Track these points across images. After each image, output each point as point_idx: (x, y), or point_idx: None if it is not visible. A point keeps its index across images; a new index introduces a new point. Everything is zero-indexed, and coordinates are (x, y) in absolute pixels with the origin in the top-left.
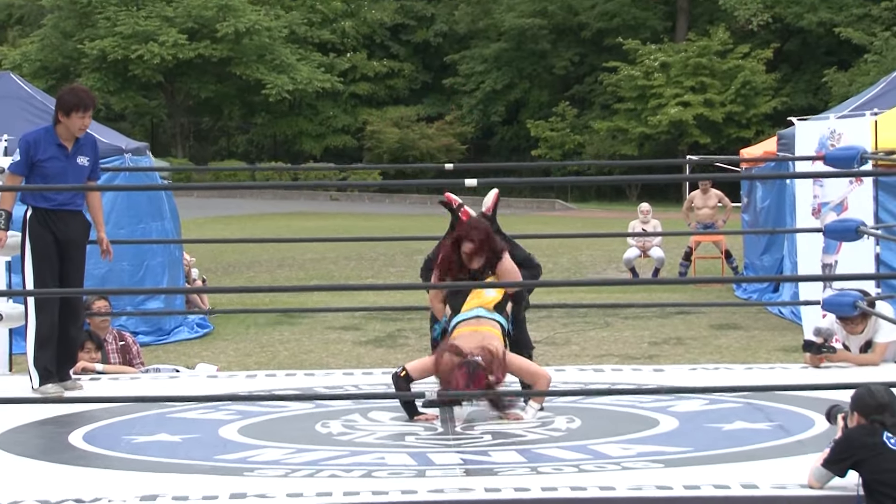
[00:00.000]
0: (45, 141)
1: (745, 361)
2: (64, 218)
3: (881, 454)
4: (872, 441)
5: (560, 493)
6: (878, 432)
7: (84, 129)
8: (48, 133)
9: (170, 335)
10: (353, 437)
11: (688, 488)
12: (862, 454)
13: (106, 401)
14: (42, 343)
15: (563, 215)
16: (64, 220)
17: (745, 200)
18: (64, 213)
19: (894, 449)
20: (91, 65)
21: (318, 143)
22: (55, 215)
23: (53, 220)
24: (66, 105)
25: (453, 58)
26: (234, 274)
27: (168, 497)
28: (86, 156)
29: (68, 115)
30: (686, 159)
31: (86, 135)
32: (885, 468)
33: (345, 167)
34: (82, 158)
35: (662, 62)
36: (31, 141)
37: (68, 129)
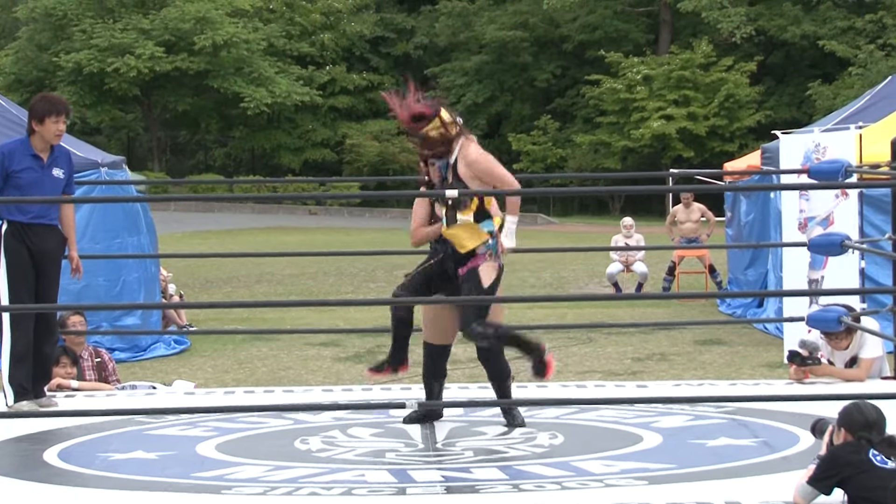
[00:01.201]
0: (20, 152)
1: (729, 377)
2: (39, 232)
3: (867, 472)
4: (858, 458)
5: None
6: (864, 449)
7: (60, 135)
8: (23, 144)
9: (146, 352)
10: (333, 454)
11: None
12: (848, 472)
13: (81, 415)
14: (17, 360)
15: (545, 229)
16: (39, 234)
17: (729, 214)
18: (39, 227)
19: (880, 466)
20: (66, 78)
21: (297, 156)
22: (30, 229)
23: (28, 233)
24: (39, 112)
25: (434, 70)
26: (212, 289)
27: None
28: (61, 168)
29: (42, 121)
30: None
31: (60, 148)
32: (871, 486)
33: (324, 180)
34: (57, 171)
35: (645, 75)
36: (6, 152)
37: (43, 138)
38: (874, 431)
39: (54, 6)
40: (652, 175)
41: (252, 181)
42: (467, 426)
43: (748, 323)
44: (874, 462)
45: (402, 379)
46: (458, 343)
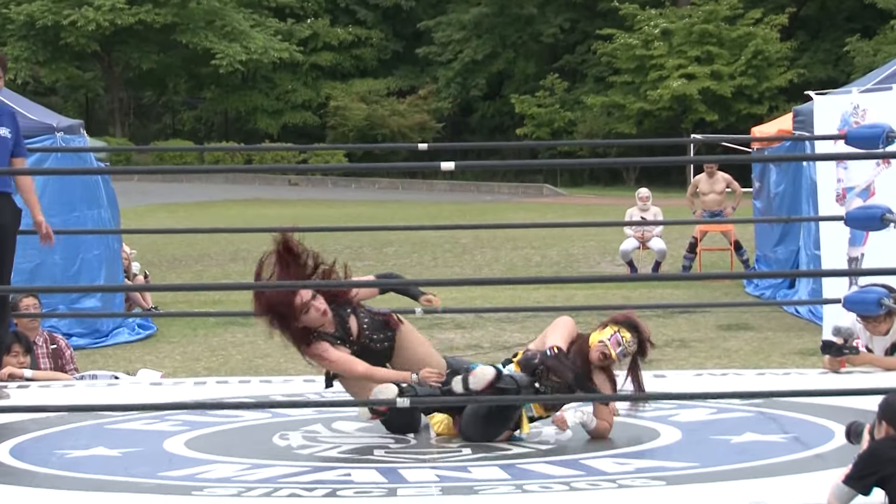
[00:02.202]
0: None
1: (756, 366)
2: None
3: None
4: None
5: None
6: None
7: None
8: None
9: (108, 337)
10: (315, 451)
11: None
12: (889, 469)
13: (35, 410)
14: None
15: (552, 202)
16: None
17: (758, 185)
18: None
19: None
20: (17, 32)
21: (275, 120)
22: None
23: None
24: None
25: (427, 24)
26: (181, 268)
27: None
28: (6, 127)
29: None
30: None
31: (2, 104)
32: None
33: (305, 147)
34: (4, 129)
35: (664, 29)
36: None
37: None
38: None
39: None
40: (671, 142)
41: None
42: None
43: (778, 305)
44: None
45: None
46: (455, 328)
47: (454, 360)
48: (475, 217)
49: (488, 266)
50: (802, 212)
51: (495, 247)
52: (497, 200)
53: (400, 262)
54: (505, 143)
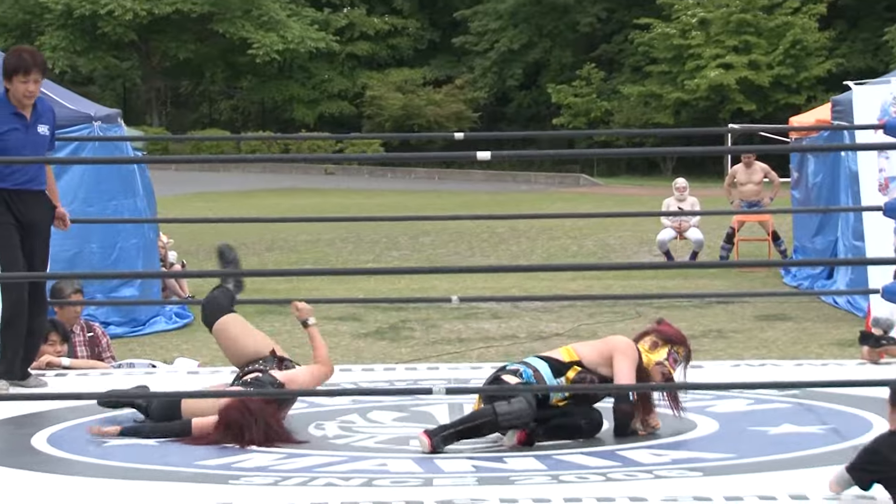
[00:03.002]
0: (2, 112)
1: (794, 357)
2: (27, 199)
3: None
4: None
5: None
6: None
7: (30, 96)
8: (3, 103)
9: (145, 326)
10: (351, 441)
11: (729, 500)
12: (888, 472)
13: (73, 398)
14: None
15: (588, 192)
16: (27, 202)
17: (796, 175)
18: (27, 194)
19: None
20: (55, 21)
21: (312, 110)
22: (18, 196)
23: (16, 201)
24: (5, 69)
25: (464, 13)
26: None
27: None
28: (46, 125)
29: (10, 79)
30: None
31: (43, 101)
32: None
33: (342, 137)
34: (42, 127)
35: (701, 18)
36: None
37: (14, 97)
38: None
39: None
40: (708, 131)
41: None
42: None
43: (816, 296)
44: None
45: (428, 357)
46: (491, 318)
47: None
48: (511, 207)
49: (525, 256)
50: (841, 202)
51: (532, 237)
52: (533, 190)
53: (436, 252)
54: (541, 133)
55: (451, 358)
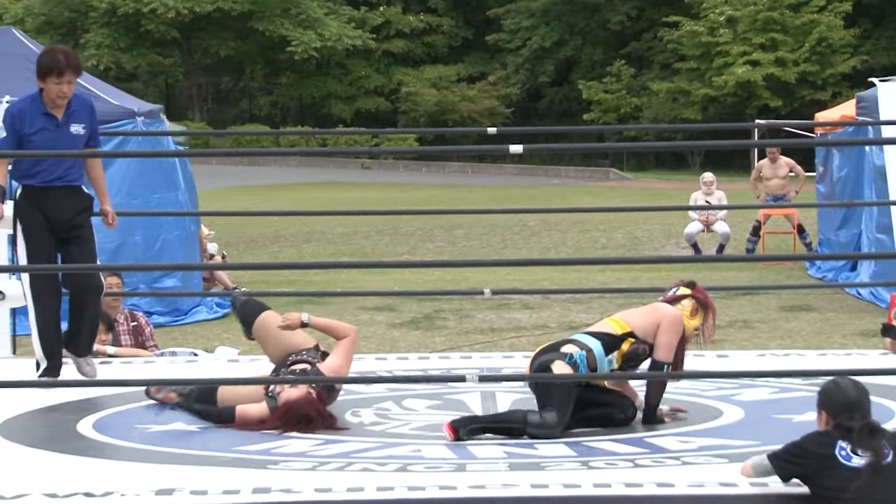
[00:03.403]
0: (32, 111)
1: (818, 347)
2: (56, 195)
3: (829, 469)
4: (823, 453)
5: (613, 490)
6: (833, 443)
7: (63, 96)
8: (34, 102)
9: (187, 315)
10: (387, 428)
11: (754, 485)
12: (810, 466)
13: (118, 385)
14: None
15: (617, 186)
16: (55, 198)
17: (821, 170)
18: (55, 190)
19: (844, 464)
20: (100, 19)
21: (349, 105)
22: (45, 193)
23: (43, 198)
24: (40, 69)
25: (497, 12)
26: (258, 249)
27: (185, 491)
28: (80, 123)
29: (44, 79)
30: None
31: (80, 100)
32: (832, 486)
33: (378, 132)
34: (76, 126)
35: (729, 17)
36: (16, 112)
37: (48, 96)
38: (856, 414)
39: None
40: (735, 127)
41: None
42: (531, 398)
43: (840, 287)
44: (839, 458)
45: (461, 347)
46: (522, 309)
47: None
48: (542, 200)
49: (555, 248)
50: (865, 196)
51: (562, 229)
52: (564, 184)
53: (469, 245)
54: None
55: (483, 347)
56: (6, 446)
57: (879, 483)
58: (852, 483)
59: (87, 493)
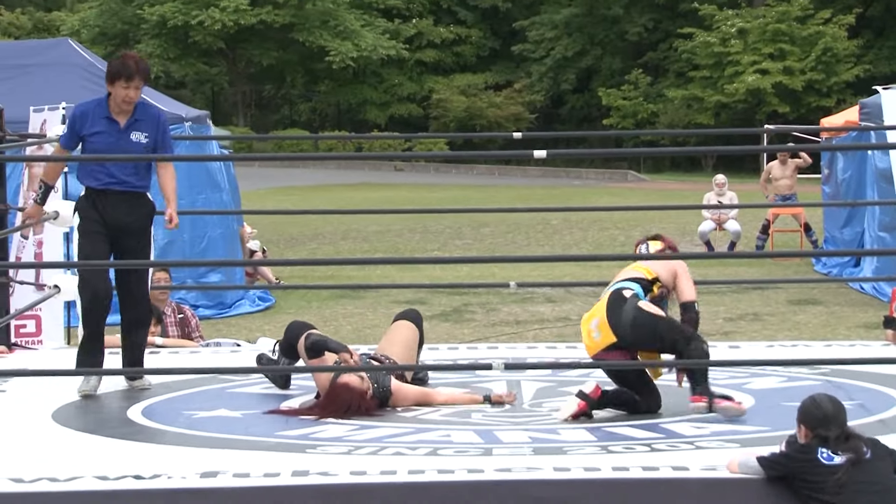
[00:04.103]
0: (95, 114)
1: (824, 338)
2: (113, 199)
3: (814, 468)
4: (807, 458)
5: (631, 473)
6: (814, 449)
7: (130, 102)
8: (99, 105)
9: (231, 308)
10: (418, 414)
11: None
12: (796, 469)
13: (166, 373)
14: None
15: (635, 187)
16: (113, 202)
17: (826, 172)
18: (113, 194)
19: (827, 463)
20: (151, 31)
21: (383, 111)
22: (104, 196)
23: (101, 200)
24: (109, 73)
25: (522, 24)
26: (297, 246)
27: (228, 474)
28: (143, 132)
29: (112, 83)
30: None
31: (148, 108)
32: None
33: (410, 136)
34: (138, 134)
35: (740, 28)
36: (78, 113)
37: (115, 101)
38: (832, 426)
39: None
40: (746, 131)
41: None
42: (555, 386)
43: (844, 282)
44: (821, 460)
45: (488, 338)
46: (546, 302)
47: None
48: (564, 200)
49: (576, 245)
50: (867, 196)
51: (583, 228)
52: (585, 185)
53: (496, 242)
54: (592, 133)
55: (508, 339)
56: (60, 431)
57: (859, 473)
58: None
59: (136, 476)
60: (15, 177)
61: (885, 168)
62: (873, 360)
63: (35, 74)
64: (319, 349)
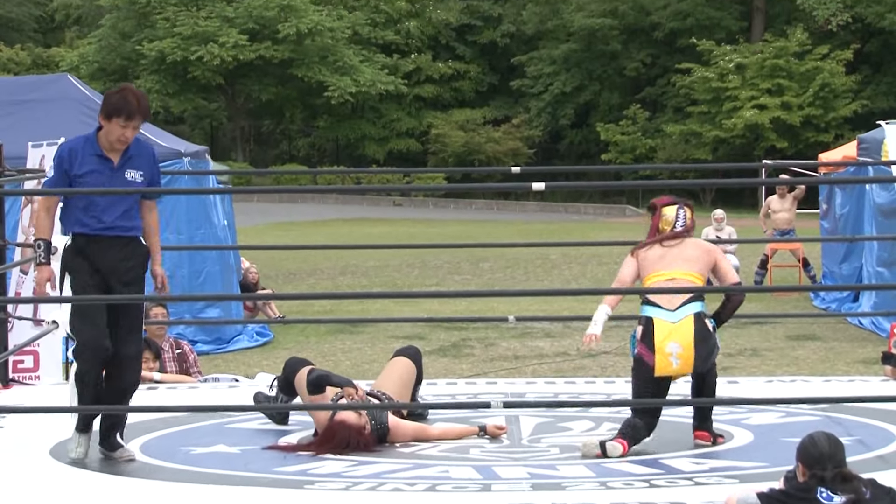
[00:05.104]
0: (84, 151)
1: (823, 374)
2: (106, 246)
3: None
4: (807, 497)
5: None
6: (813, 489)
7: (123, 142)
8: (87, 142)
9: (229, 344)
10: (416, 450)
11: None
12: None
13: (164, 410)
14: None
15: (633, 221)
16: (105, 249)
17: (825, 207)
18: (106, 240)
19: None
20: (150, 66)
21: (382, 146)
22: (95, 243)
23: (93, 248)
24: (107, 107)
25: (521, 59)
26: (296, 281)
27: None
28: (138, 170)
29: (109, 118)
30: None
31: (142, 146)
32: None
33: (409, 171)
34: (133, 173)
35: (738, 63)
36: (66, 152)
37: (107, 138)
38: (829, 464)
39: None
40: (744, 166)
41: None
42: (553, 422)
43: (843, 318)
44: (821, 500)
45: (487, 373)
46: (544, 337)
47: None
48: (563, 235)
49: (575, 280)
50: (865, 232)
51: (582, 262)
52: (583, 220)
53: (494, 277)
54: (591, 167)
55: (507, 373)
56: (58, 467)
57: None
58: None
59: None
60: (13, 212)
61: (883, 203)
62: (872, 399)
63: (34, 110)
64: (321, 384)
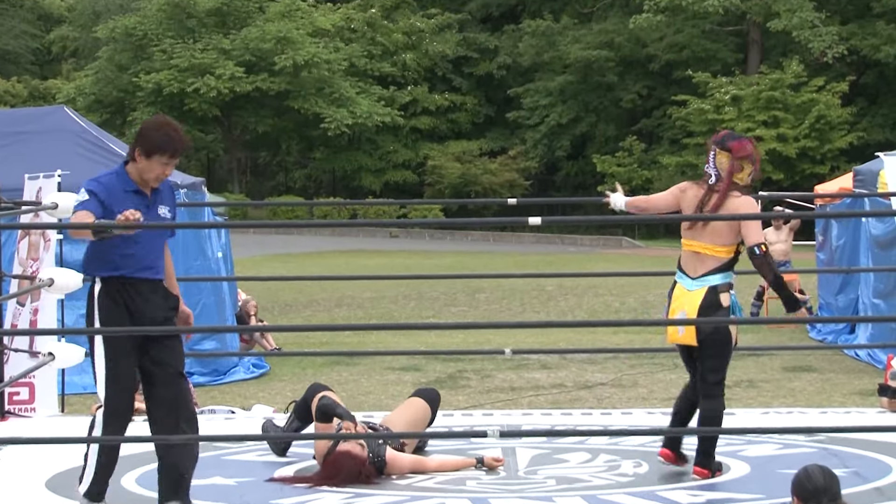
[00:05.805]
0: (118, 188)
1: (819, 405)
2: (142, 289)
3: None
4: None
5: None
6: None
7: (160, 180)
8: (119, 178)
9: (225, 376)
10: (413, 482)
11: None
12: None
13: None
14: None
15: (630, 253)
16: (142, 293)
17: (821, 239)
18: (143, 284)
19: None
20: (146, 98)
21: (378, 178)
22: (133, 287)
23: (130, 292)
24: (148, 144)
25: (517, 91)
26: (292, 313)
27: None
28: (166, 205)
29: (149, 156)
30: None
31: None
32: None
33: (405, 203)
34: (164, 209)
35: (734, 95)
36: (105, 187)
37: (141, 175)
38: (824, 498)
39: (134, 26)
40: None
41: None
42: (550, 453)
43: (839, 349)
44: None
45: (483, 405)
46: (541, 369)
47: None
48: (559, 266)
49: (572, 311)
50: (861, 263)
51: (578, 294)
52: (580, 251)
53: (491, 308)
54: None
55: (503, 405)
56: (54, 500)
57: None
58: None
59: None
60: (10, 244)
61: (879, 234)
62: (869, 429)
63: (30, 142)
64: (328, 413)
